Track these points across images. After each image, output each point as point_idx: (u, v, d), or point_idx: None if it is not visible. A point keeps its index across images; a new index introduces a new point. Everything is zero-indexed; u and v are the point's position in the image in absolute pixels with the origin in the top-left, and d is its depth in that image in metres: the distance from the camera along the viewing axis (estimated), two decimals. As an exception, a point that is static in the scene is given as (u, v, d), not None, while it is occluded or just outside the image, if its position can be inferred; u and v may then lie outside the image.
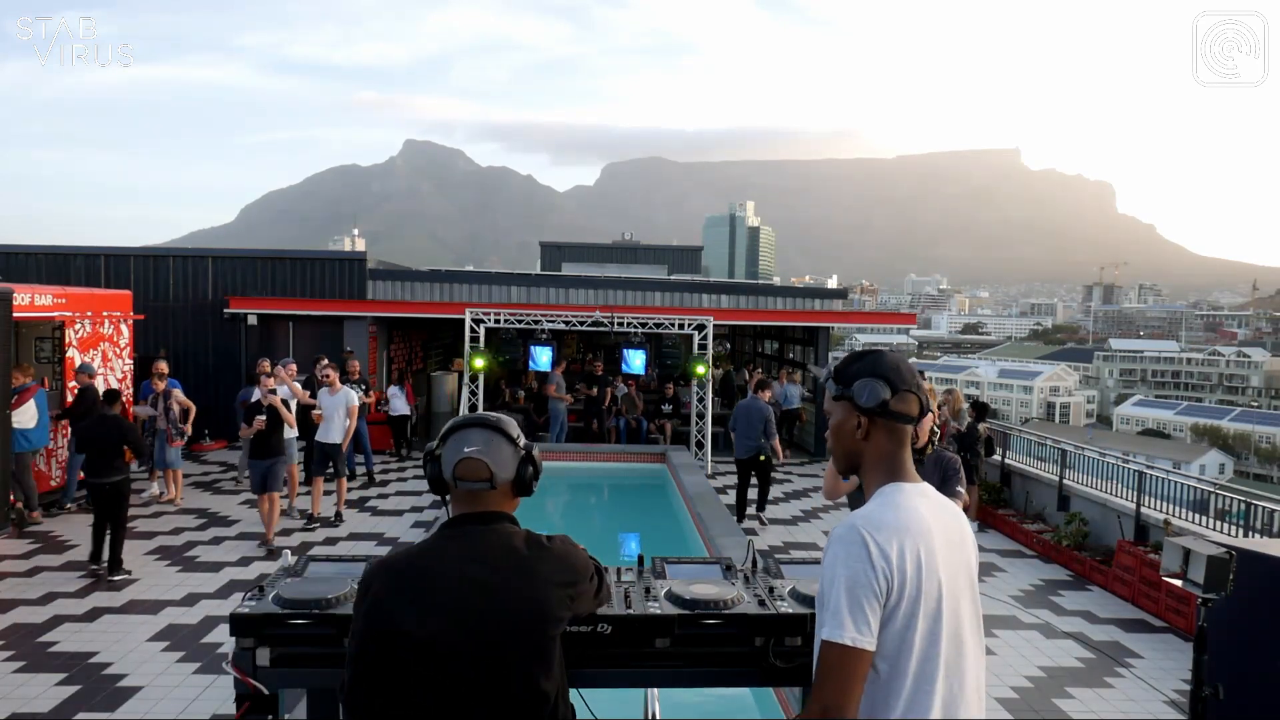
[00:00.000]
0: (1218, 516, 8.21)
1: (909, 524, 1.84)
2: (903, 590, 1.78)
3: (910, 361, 2.03)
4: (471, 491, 2.06)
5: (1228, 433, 73.28)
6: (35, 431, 9.48)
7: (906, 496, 1.91)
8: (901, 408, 1.95)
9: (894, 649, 1.79)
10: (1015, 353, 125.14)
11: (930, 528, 1.86)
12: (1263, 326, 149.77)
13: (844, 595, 1.77)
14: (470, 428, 2.11)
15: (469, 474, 2.05)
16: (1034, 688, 6.07)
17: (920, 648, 1.79)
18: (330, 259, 17.00)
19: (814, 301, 17.58)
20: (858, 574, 1.77)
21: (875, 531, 1.81)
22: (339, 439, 10.00)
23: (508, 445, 2.10)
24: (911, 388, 1.97)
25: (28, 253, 15.94)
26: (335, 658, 2.67)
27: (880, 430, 1.97)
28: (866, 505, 1.93)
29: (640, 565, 3.55)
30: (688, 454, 13.90)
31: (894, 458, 1.97)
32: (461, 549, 1.99)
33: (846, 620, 1.75)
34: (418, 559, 2.01)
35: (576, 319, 14.53)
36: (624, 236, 40.51)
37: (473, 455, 2.05)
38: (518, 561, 1.99)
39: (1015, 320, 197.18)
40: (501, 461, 2.07)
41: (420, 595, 1.93)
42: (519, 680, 1.92)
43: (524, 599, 1.95)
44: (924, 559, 1.81)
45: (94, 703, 5.43)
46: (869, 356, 2.03)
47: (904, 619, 1.78)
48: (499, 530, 2.04)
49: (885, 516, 1.85)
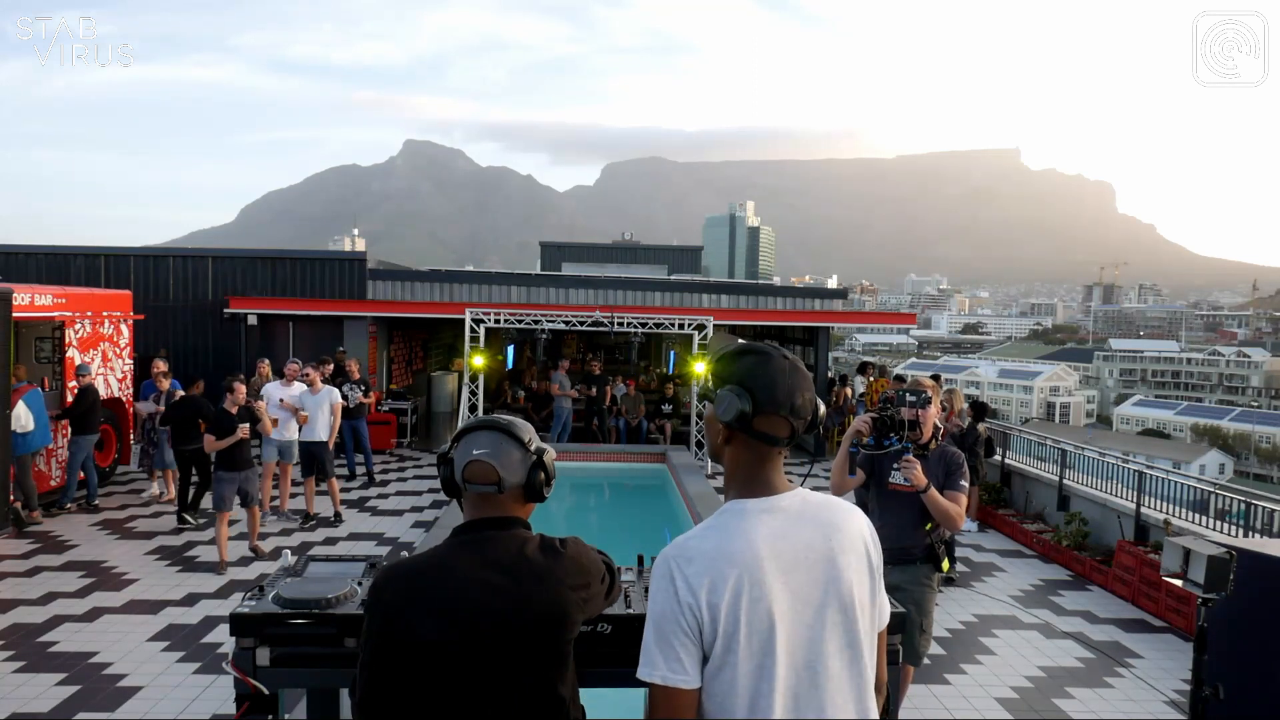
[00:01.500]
0: (1218, 516, 8.21)
1: (731, 552, 1.70)
2: (716, 625, 1.67)
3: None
4: (482, 495, 2.05)
5: (1228, 433, 73.27)
6: (34, 432, 9.47)
7: (745, 519, 1.76)
8: (765, 428, 1.79)
9: (720, 685, 1.69)
10: (1015, 353, 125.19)
11: (760, 554, 1.70)
12: (1263, 326, 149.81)
13: (652, 632, 1.72)
14: (480, 430, 2.09)
15: (477, 477, 2.03)
16: (1034, 688, 6.07)
17: (746, 683, 1.67)
18: (330, 259, 17.01)
19: (814, 301, 17.58)
20: (665, 610, 1.70)
21: (685, 564, 1.71)
22: (324, 437, 10.02)
23: (517, 449, 2.07)
24: (780, 409, 1.79)
25: (28, 253, 15.95)
26: (335, 658, 2.67)
27: (740, 443, 1.82)
28: (694, 528, 1.82)
29: (640, 565, 3.55)
30: (688, 454, 13.90)
31: (752, 471, 1.82)
32: (473, 555, 1.98)
33: (657, 658, 1.69)
34: (430, 565, 2.00)
35: (576, 319, 14.53)
36: (624, 236, 40.52)
37: (481, 458, 2.03)
38: (531, 567, 1.97)
39: (1015, 320, 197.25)
40: (510, 465, 2.05)
41: (433, 602, 1.92)
42: (535, 686, 1.92)
43: (538, 604, 1.94)
44: (746, 589, 1.67)
45: (94, 703, 5.42)
46: (749, 359, 1.83)
47: (723, 654, 1.68)
48: (511, 535, 2.02)
49: (704, 545, 1.73)
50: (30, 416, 9.40)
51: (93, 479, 10.54)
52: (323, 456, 10.08)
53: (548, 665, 1.94)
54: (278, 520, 10.13)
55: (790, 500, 1.81)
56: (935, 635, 7.01)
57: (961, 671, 6.31)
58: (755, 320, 17.38)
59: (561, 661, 1.97)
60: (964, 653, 6.68)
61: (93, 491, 10.52)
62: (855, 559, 1.80)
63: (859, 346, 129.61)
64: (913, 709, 5.62)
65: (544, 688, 1.93)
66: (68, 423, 10.33)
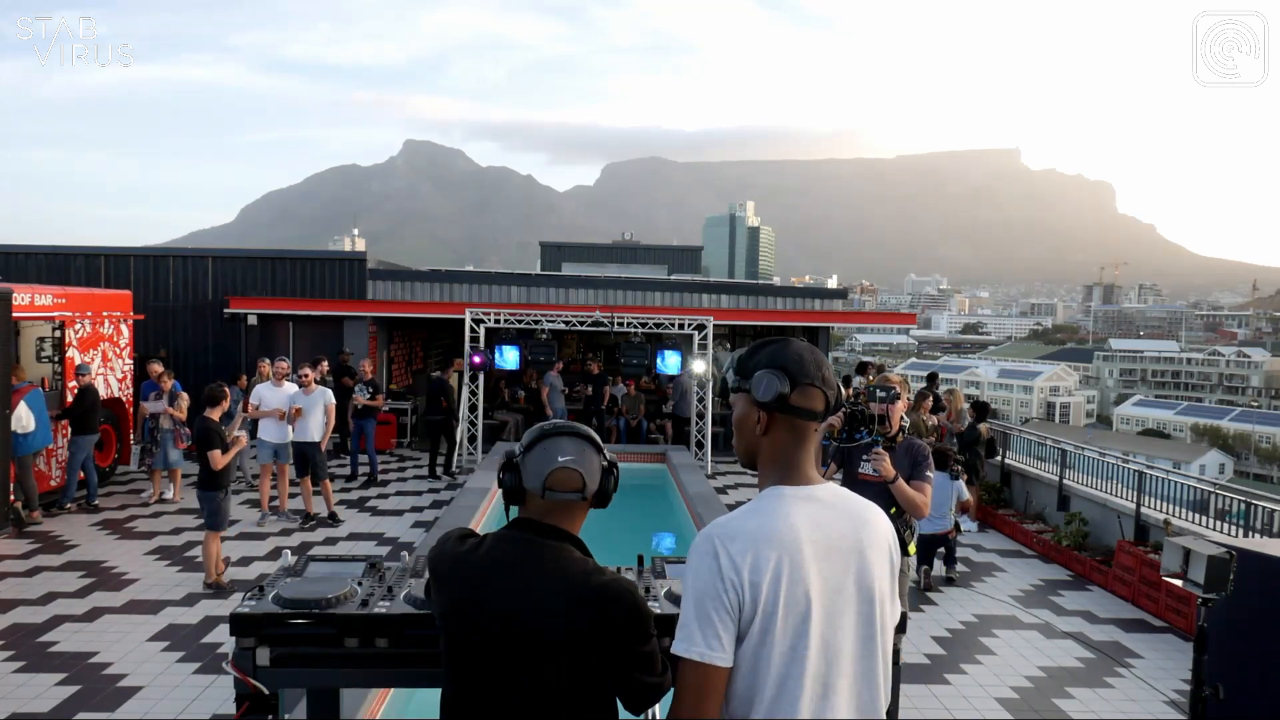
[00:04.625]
0: (1218, 516, 8.21)
1: (773, 533, 1.73)
2: (756, 604, 1.68)
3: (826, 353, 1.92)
4: (562, 503, 2.01)
5: (1228, 433, 73.28)
6: (35, 433, 9.47)
7: (785, 502, 1.79)
8: (802, 402, 1.84)
9: (751, 665, 1.70)
10: (1015, 353, 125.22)
11: (800, 537, 1.73)
12: (1263, 326, 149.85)
13: (693, 607, 1.70)
14: (562, 436, 2.03)
15: (562, 485, 1.98)
16: (1034, 688, 6.07)
17: (779, 664, 1.69)
18: (330, 259, 17.01)
19: (814, 301, 17.58)
20: (707, 586, 1.69)
21: (729, 541, 1.72)
22: (316, 438, 9.99)
23: (597, 456, 2.04)
24: (814, 381, 1.84)
25: (28, 253, 15.94)
26: (335, 658, 2.68)
27: (780, 426, 1.85)
28: (736, 510, 1.84)
29: (640, 565, 3.55)
30: (688, 454, 13.90)
31: (790, 457, 1.85)
32: (511, 553, 1.98)
33: (695, 633, 1.68)
34: (472, 553, 2.01)
35: (576, 319, 14.53)
36: (624, 236, 40.54)
37: (568, 465, 1.98)
38: (581, 586, 1.93)
39: (1015, 320, 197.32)
40: (593, 473, 2.02)
41: (458, 587, 1.98)
42: (532, 687, 1.93)
43: (541, 615, 1.92)
44: (786, 570, 1.69)
45: (94, 703, 5.43)
46: (771, 346, 1.90)
47: (760, 634, 1.69)
48: (555, 548, 1.98)
49: (746, 524, 1.75)
50: (31, 417, 9.40)
51: (93, 479, 10.54)
52: (315, 457, 10.05)
53: (554, 675, 1.92)
54: (278, 520, 10.12)
55: (824, 491, 1.85)
56: (935, 635, 7.02)
57: (961, 671, 6.31)
58: (755, 320, 17.39)
59: (569, 675, 1.92)
60: (964, 653, 6.68)
61: (93, 491, 10.53)
62: (881, 555, 1.83)
63: (859, 346, 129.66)
64: (913, 709, 5.63)
65: (551, 693, 1.92)
66: (68, 423, 10.34)
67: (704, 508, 9.72)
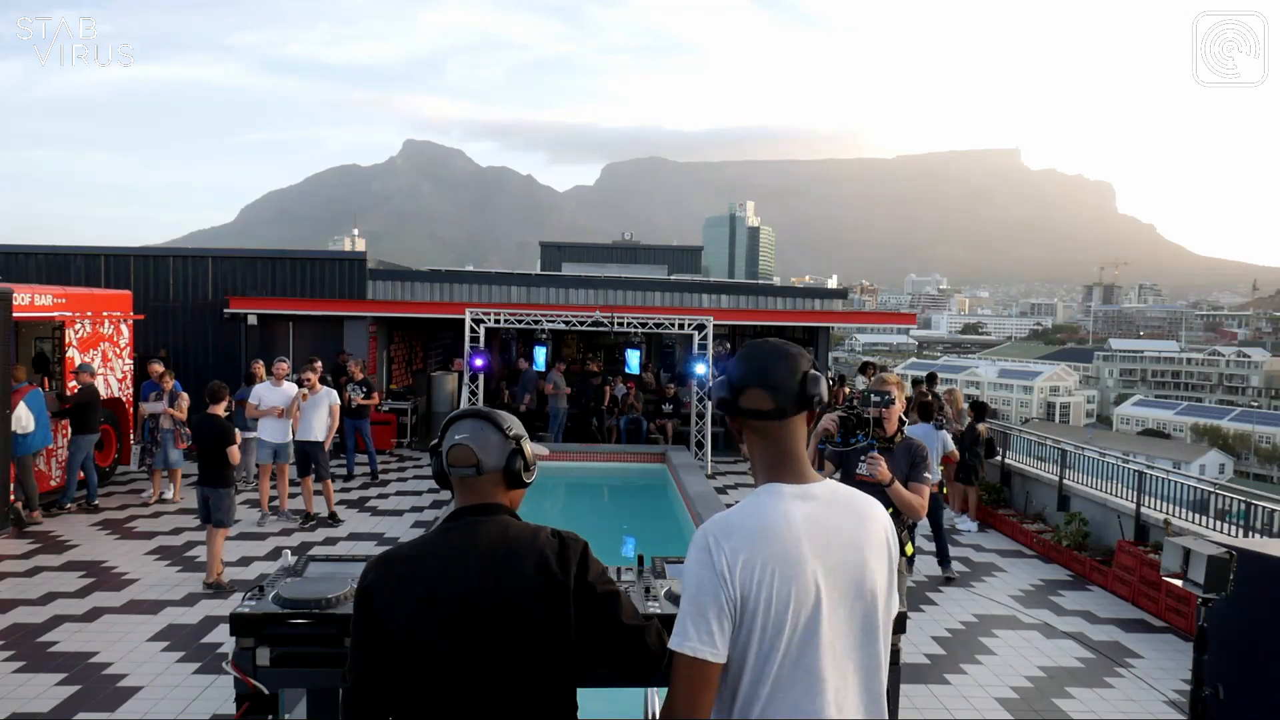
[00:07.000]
0: (1218, 516, 8.21)
1: (768, 529, 1.74)
2: (751, 600, 1.70)
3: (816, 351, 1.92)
4: (463, 480, 2.09)
5: (1228, 433, 73.27)
6: (35, 433, 9.47)
7: (781, 499, 1.80)
8: (749, 404, 1.86)
9: (750, 662, 1.71)
10: (1015, 353, 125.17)
11: (797, 533, 1.75)
12: (1263, 326, 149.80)
13: (687, 602, 1.73)
14: (462, 418, 2.15)
15: (457, 460, 2.08)
16: (1034, 688, 6.07)
17: (777, 661, 1.71)
18: (330, 259, 17.01)
19: (814, 301, 17.59)
20: (702, 581, 1.72)
21: (724, 538, 1.74)
22: (320, 437, 10.00)
23: (496, 434, 2.11)
24: (758, 382, 1.84)
25: (28, 253, 15.94)
26: (335, 658, 2.67)
27: (746, 429, 1.90)
28: (733, 507, 1.87)
29: (640, 565, 3.55)
30: (688, 454, 13.90)
31: (772, 456, 1.87)
32: (453, 540, 2.02)
33: (689, 628, 1.70)
34: (410, 552, 2.05)
35: (576, 319, 14.53)
36: (624, 236, 40.49)
37: (461, 441, 2.08)
38: (510, 547, 1.99)
39: (1015, 320, 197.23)
40: (488, 449, 2.08)
41: (409, 587, 1.96)
42: (515, 675, 1.92)
43: (508, 586, 1.95)
44: (778, 567, 1.71)
45: (94, 703, 5.42)
46: (741, 351, 1.95)
47: (752, 629, 1.71)
48: (493, 520, 2.05)
49: (741, 521, 1.77)
50: (31, 417, 9.40)
51: (93, 479, 10.54)
52: (318, 457, 10.06)
53: (527, 652, 1.92)
54: (278, 520, 10.12)
55: (821, 489, 1.86)
56: (935, 635, 7.02)
57: (961, 671, 6.31)
58: (755, 320, 17.39)
59: (531, 650, 1.93)
60: (964, 653, 6.68)
61: (93, 491, 10.52)
62: (879, 551, 1.84)
63: (859, 346, 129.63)
64: (913, 709, 5.63)
65: (524, 677, 1.92)
66: (68, 423, 10.34)
67: (704, 508, 9.72)
